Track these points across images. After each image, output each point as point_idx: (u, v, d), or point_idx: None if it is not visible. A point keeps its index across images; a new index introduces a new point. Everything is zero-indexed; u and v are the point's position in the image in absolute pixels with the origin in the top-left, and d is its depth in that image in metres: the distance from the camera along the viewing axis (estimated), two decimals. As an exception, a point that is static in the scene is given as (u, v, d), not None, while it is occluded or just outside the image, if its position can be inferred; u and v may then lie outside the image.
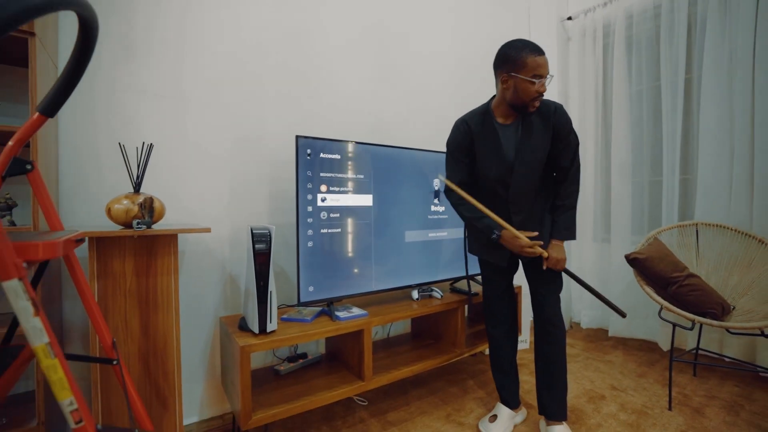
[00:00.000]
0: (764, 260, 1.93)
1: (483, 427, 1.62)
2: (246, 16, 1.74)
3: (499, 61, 1.44)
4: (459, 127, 1.54)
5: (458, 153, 1.53)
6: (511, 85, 1.40)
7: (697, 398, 1.91)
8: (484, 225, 1.49)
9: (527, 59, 1.35)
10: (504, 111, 1.48)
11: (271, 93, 1.81)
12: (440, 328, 2.00)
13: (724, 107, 2.20)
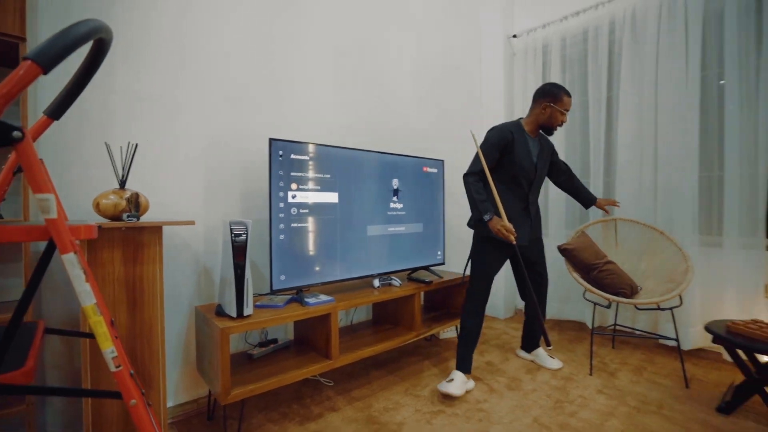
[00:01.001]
0: (664, 249, 2.32)
1: (442, 387, 1.90)
2: (225, 25, 1.87)
3: (543, 93, 2.00)
4: (504, 130, 2.00)
5: (495, 148, 1.98)
6: (548, 113, 1.98)
7: (613, 365, 2.27)
8: (484, 206, 1.87)
9: (564, 98, 1.97)
10: (532, 129, 2.05)
11: (245, 97, 1.94)
12: (398, 314, 2.23)
13: (635, 122, 2.60)
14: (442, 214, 2.51)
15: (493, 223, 1.85)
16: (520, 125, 2.05)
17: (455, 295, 2.50)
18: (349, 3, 2.42)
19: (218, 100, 1.86)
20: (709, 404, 1.82)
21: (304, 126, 2.18)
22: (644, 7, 2.55)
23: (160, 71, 1.69)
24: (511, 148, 1.98)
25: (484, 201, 1.88)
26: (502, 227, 1.84)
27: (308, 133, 2.20)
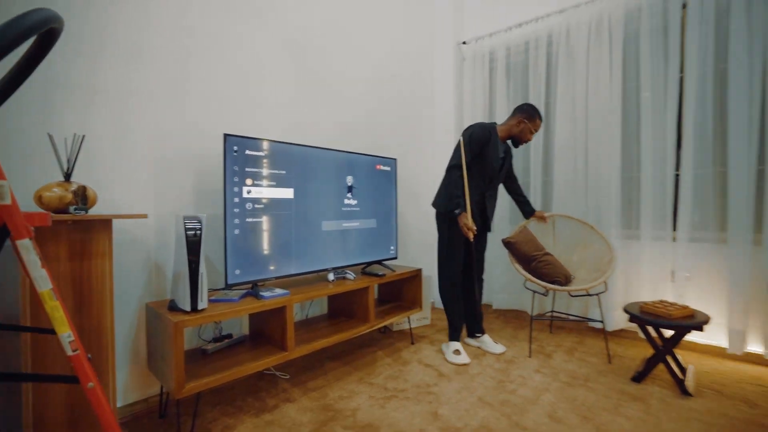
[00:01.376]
0: (594, 242, 2.59)
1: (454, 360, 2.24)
2: (182, 19, 1.84)
3: (522, 110, 2.33)
4: (485, 129, 2.29)
5: (478, 144, 2.25)
6: (521, 128, 2.31)
7: (549, 347, 2.50)
8: (457, 201, 2.18)
9: (537, 120, 2.32)
10: (504, 135, 2.38)
11: (199, 92, 1.93)
12: (353, 307, 2.31)
13: (569, 127, 2.87)
14: (394, 210, 2.62)
15: (460, 218, 2.18)
16: (495, 128, 2.35)
17: (408, 288, 2.62)
18: (306, 2, 2.46)
19: (173, 95, 1.84)
20: (626, 375, 2.07)
21: (261, 123, 2.20)
22: (577, 25, 2.81)
23: (110, 63, 1.64)
24: (487, 147, 2.27)
25: (460, 197, 2.18)
26: (465, 224, 2.16)
27: (264, 129, 2.22)
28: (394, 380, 2.04)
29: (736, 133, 2.24)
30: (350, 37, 2.78)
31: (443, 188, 2.37)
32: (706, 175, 2.39)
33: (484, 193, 2.36)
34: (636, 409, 1.73)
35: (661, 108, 2.51)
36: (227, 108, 2.06)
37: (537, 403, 1.79)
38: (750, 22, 2.21)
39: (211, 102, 1.99)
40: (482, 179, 2.32)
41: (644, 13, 2.54)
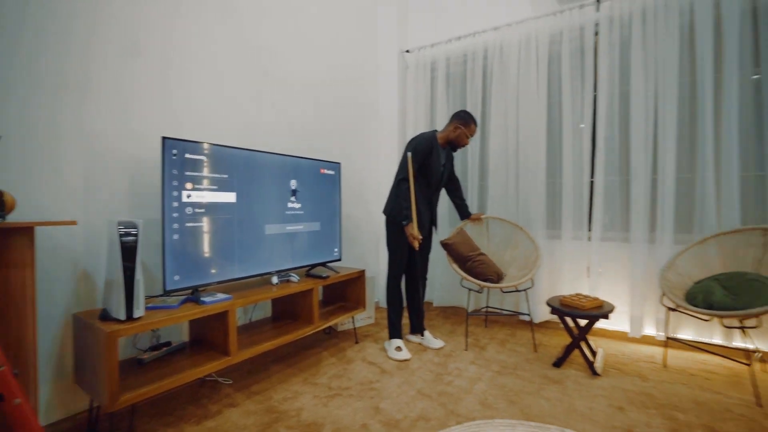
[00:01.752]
0: (522, 241, 2.84)
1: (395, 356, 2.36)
2: (119, 12, 1.75)
3: (458, 116, 2.48)
4: (428, 140, 2.42)
5: (421, 155, 2.39)
6: (458, 133, 2.46)
7: (484, 340, 2.70)
8: (406, 213, 2.33)
9: (472, 125, 2.48)
10: (443, 142, 2.52)
11: (137, 92, 1.85)
12: (297, 309, 2.33)
13: (503, 137, 3.11)
14: (338, 213, 2.68)
15: (407, 228, 2.34)
16: (435, 137, 2.48)
17: (352, 288, 2.69)
18: (251, 5, 2.43)
19: (109, 92, 1.74)
20: (548, 362, 2.31)
21: (204, 125, 2.15)
22: (509, 42, 3.06)
23: (33, 58, 1.52)
24: (430, 156, 2.42)
25: (407, 209, 2.34)
26: (411, 234, 2.34)
27: (207, 132, 2.17)
28: (338, 379, 2.11)
29: (636, 146, 2.58)
30: (296, 42, 2.79)
31: (393, 197, 2.49)
32: (614, 182, 2.72)
33: (431, 199, 2.53)
34: (555, 391, 1.95)
35: (578, 122, 2.82)
36: (168, 109, 1.99)
37: (471, 392, 1.95)
38: (646, 53, 2.56)
39: (150, 102, 1.91)
40: (428, 186, 2.49)
41: (565, 37, 2.83)
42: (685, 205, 2.51)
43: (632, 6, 2.59)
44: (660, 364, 2.28)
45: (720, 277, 2.14)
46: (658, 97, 2.53)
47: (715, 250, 2.30)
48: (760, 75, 2.31)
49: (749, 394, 1.92)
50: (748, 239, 2.22)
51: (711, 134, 2.37)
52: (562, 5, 2.91)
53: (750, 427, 1.64)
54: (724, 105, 2.34)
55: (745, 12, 2.32)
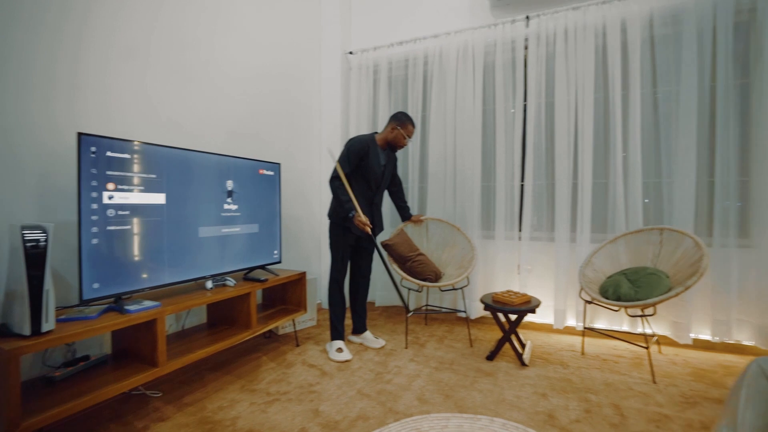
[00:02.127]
0: (460, 241, 2.97)
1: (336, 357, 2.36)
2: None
3: (395, 117, 2.51)
4: (363, 142, 2.45)
5: (356, 156, 2.41)
6: (395, 134, 2.50)
7: (423, 338, 2.79)
8: (348, 206, 2.35)
9: (408, 126, 2.51)
10: (382, 143, 2.55)
11: (49, 83, 1.66)
12: (234, 314, 2.25)
13: (441, 140, 3.23)
14: (278, 215, 2.62)
15: (355, 218, 2.35)
16: (374, 139, 2.53)
17: (292, 291, 2.65)
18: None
19: (16, 83, 1.55)
20: (482, 356, 2.45)
21: (131, 123, 1.99)
22: (447, 50, 3.18)
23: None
24: (366, 157, 2.43)
25: (348, 201, 2.35)
26: (360, 221, 2.34)
27: (134, 129, 2.01)
28: (278, 384, 2.07)
29: (560, 153, 2.82)
30: (236, 37, 2.68)
31: (333, 200, 2.51)
32: (541, 186, 2.95)
33: (372, 200, 2.54)
34: (487, 383, 2.08)
35: (510, 129, 3.01)
36: (86, 102, 1.82)
37: (409, 389, 2.01)
38: (567, 68, 2.80)
39: (65, 94, 1.74)
40: (368, 187, 2.50)
41: (498, 48, 3.01)
42: (600, 207, 2.78)
43: (556, 24, 2.82)
44: (579, 352, 2.51)
45: (627, 271, 2.41)
46: (578, 109, 2.78)
47: (623, 247, 2.58)
48: (656, 94, 2.64)
49: (647, 373, 2.19)
50: (648, 238, 2.52)
51: (620, 144, 2.66)
52: (496, 19, 3.09)
53: (645, 401, 1.88)
54: (630, 119, 2.64)
55: (645, 39, 2.63)
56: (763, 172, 2.37)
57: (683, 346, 2.56)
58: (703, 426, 1.66)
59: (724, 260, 2.45)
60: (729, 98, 2.43)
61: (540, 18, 2.87)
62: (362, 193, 2.49)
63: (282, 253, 2.87)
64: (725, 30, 2.43)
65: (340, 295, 2.55)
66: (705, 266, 2.08)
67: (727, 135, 2.44)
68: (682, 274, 2.23)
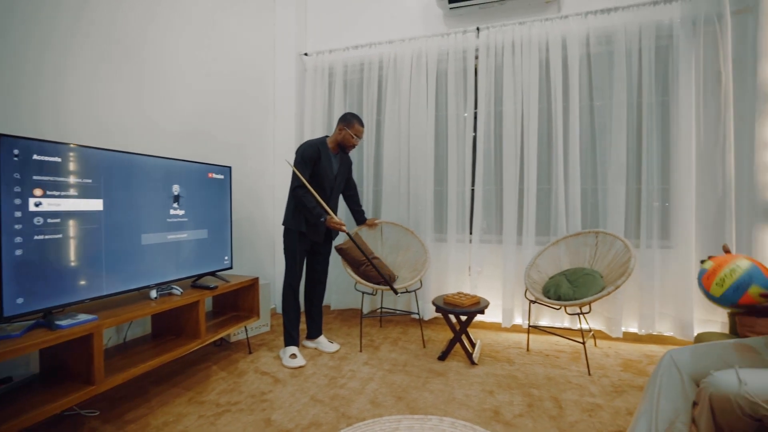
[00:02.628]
0: (413, 244, 3.04)
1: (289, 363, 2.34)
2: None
3: (342, 118, 2.51)
4: (314, 146, 2.45)
5: (309, 162, 2.40)
6: (343, 135, 2.49)
7: (378, 340, 2.83)
8: (317, 211, 2.35)
9: (355, 125, 2.49)
10: (333, 146, 2.54)
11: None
12: (181, 323, 2.16)
13: (396, 145, 3.29)
14: (229, 219, 2.54)
15: (329, 222, 2.38)
16: (325, 142, 2.52)
17: (244, 297, 2.59)
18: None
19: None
20: (434, 356, 2.52)
21: (67, 124, 1.85)
22: (402, 55, 3.24)
23: None
24: (318, 162, 2.44)
25: (316, 207, 2.36)
26: (334, 223, 2.38)
27: (70, 130, 1.87)
28: (228, 394, 2.01)
29: (507, 160, 2.97)
30: (183, 37, 2.56)
31: (290, 207, 2.48)
32: (490, 191, 3.08)
33: (328, 203, 2.51)
34: (438, 383, 2.15)
35: (462, 136, 3.12)
36: (15, 103, 1.66)
37: (362, 393, 2.03)
38: (514, 79, 2.96)
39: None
40: (323, 192, 2.48)
41: (451, 56, 3.11)
42: (544, 211, 2.96)
43: (504, 38, 2.97)
44: (525, 349, 2.66)
45: (567, 272, 2.59)
46: (524, 119, 2.94)
47: (564, 249, 2.77)
48: (593, 107, 2.85)
49: (584, 366, 2.36)
50: (585, 240, 2.72)
51: (561, 152, 2.85)
52: (449, 28, 3.19)
53: (581, 393, 2.03)
54: (570, 129, 2.83)
55: (582, 56, 2.84)
56: (680, 180, 2.64)
57: (615, 339, 2.79)
58: (629, 412, 1.83)
59: (649, 260, 2.70)
60: (653, 113, 2.69)
61: (489, 30, 3.00)
62: (320, 196, 2.46)
63: (234, 258, 2.79)
64: (649, 51, 2.68)
65: (294, 301, 2.52)
66: (632, 267, 2.28)
67: (651, 147, 2.70)
68: (614, 273, 2.43)
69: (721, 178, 2.59)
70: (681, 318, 2.65)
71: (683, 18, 2.62)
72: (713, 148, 2.61)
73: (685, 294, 2.62)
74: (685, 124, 2.61)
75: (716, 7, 2.56)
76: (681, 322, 2.64)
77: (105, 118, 2.09)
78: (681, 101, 2.62)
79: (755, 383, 1.08)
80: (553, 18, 2.85)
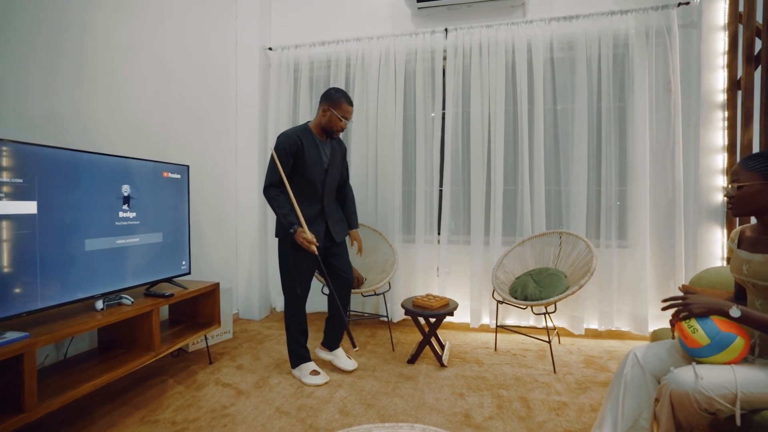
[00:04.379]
0: (382, 246, 2.99)
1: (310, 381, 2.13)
2: None
3: (325, 97, 2.09)
4: (291, 138, 2.06)
5: (288, 154, 2.03)
6: (328, 116, 2.08)
7: (346, 344, 2.73)
8: (288, 219, 2.00)
9: (343, 105, 2.08)
10: (319, 132, 2.14)
11: None
12: (133, 335, 1.99)
13: (363, 145, 3.22)
14: (187, 221, 2.38)
15: (297, 236, 2.01)
16: (308, 129, 2.14)
17: (204, 304, 2.43)
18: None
19: None
20: (404, 360, 2.49)
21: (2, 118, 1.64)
22: (370, 53, 3.18)
23: None
24: (302, 153, 2.07)
25: (287, 215, 2.02)
26: (304, 239, 2.00)
27: (4, 127, 1.66)
28: (186, 410, 1.88)
29: (475, 161, 2.99)
30: (141, 28, 2.36)
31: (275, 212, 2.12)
32: (458, 191, 3.09)
33: (322, 202, 2.17)
34: (408, 387, 2.11)
35: (430, 136, 3.11)
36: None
37: (330, 402, 1.96)
38: (482, 81, 2.98)
39: None
40: (313, 189, 2.10)
41: (419, 56, 3.08)
42: (510, 212, 3.01)
43: (472, 39, 2.98)
44: (492, 349, 2.69)
45: (533, 272, 2.64)
46: (491, 120, 2.97)
47: (530, 250, 2.82)
48: (556, 110, 2.93)
49: (549, 364, 2.41)
50: (550, 240, 2.79)
51: (527, 154, 2.90)
52: (417, 28, 3.17)
53: (547, 391, 2.07)
54: (535, 131, 2.89)
55: (546, 60, 2.91)
56: (636, 182, 2.77)
57: (578, 336, 2.88)
58: (593, 409, 1.88)
59: (608, 258, 2.81)
60: (611, 118, 2.80)
61: (458, 32, 3.00)
62: (308, 197, 2.11)
63: (193, 262, 2.62)
64: (607, 59, 2.79)
65: (302, 316, 2.21)
66: (594, 266, 2.35)
67: (609, 150, 2.80)
68: (577, 273, 2.50)
69: (671, 181, 2.73)
70: (637, 314, 2.77)
71: (637, 28, 2.74)
72: (664, 152, 2.76)
73: (640, 291, 2.75)
74: (640, 129, 2.73)
75: (666, 21, 2.70)
76: (637, 318, 2.77)
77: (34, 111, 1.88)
78: (636, 107, 2.74)
79: (710, 378, 1.12)
80: (518, 22, 2.90)
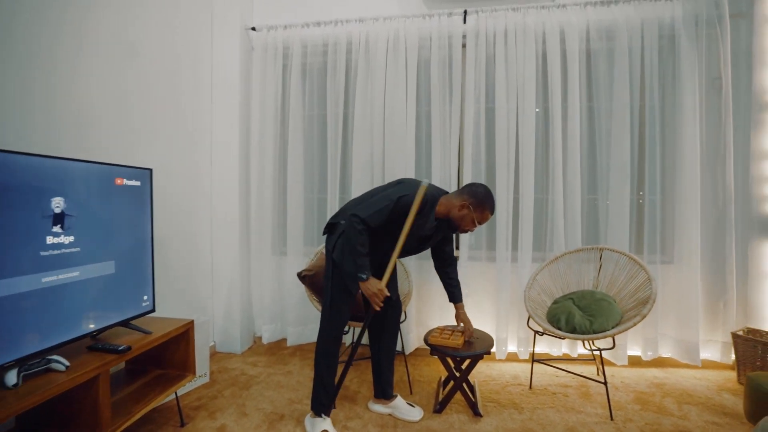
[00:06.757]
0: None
1: None
2: None
3: (470, 192, 1.80)
4: (423, 203, 1.71)
5: (400, 211, 1.69)
6: (464, 214, 1.79)
7: (354, 386, 2.27)
8: (362, 262, 1.66)
9: (486, 212, 1.80)
10: (441, 211, 1.82)
11: None
12: (72, 409, 1.41)
13: (368, 143, 2.73)
14: (149, 242, 1.80)
15: (368, 285, 1.69)
16: (437, 201, 1.81)
17: (175, 349, 1.87)
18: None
19: None
20: (428, 406, 2.02)
21: None
22: (376, 37, 2.69)
23: None
24: (417, 217, 1.73)
25: (364, 256, 1.67)
26: (377, 292, 1.69)
27: None
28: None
29: (500, 165, 2.57)
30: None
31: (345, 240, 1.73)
32: (478, 200, 2.66)
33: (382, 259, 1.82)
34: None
35: (447, 135, 2.66)
36: None
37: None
38: (508, 73, 2.57)
39: None
40: (391, 243, 1.76)
41: (434, 43, 2.63)
42: (540, 224, 2.61)
43: (495, 24, 2.56)
44: (527, 386, 2.27)
45: (573, 296, 2.24)
46: (518, 118, 2.57)
47: (564, 267, 2.43)
48: (593, 107, 2.56)
49: (599, 406, 2.03)
50: (588, 257, 2.41)
51: (560, 157, 2.51)
52: (430, 9, 2.71)
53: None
54: (569, 132, 2.51)
55: (582, 51, 2.53)
56: (684, 190, 2.44)
57: (619, 366, 2.52)
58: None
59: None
60: (655, 118, 2.46)
61: (479, 15, 2.57)
62: (380, 245, 1.77)
63: (158, 294, 2.02)
64: (651, 50, 2.45)
65: (331, 355, 1.84)
66: (655, 292, 1.99)
67: (654, 154, 2.47)
68: (628, 298, 2.13)
69: (721, 190, 2.43)
70: (685, 339, 2.44)
71: (685, 17, 2.41)
72: (714, 157, 2.45)
73: (689, 313, 2.42)
74: (689, 131, 2.41)
75: (716, 8, 2.39)
76: (686, 344, 2.44)
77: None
78: (685, 106, 2.42)
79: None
80: (549, 6, 2.51)
